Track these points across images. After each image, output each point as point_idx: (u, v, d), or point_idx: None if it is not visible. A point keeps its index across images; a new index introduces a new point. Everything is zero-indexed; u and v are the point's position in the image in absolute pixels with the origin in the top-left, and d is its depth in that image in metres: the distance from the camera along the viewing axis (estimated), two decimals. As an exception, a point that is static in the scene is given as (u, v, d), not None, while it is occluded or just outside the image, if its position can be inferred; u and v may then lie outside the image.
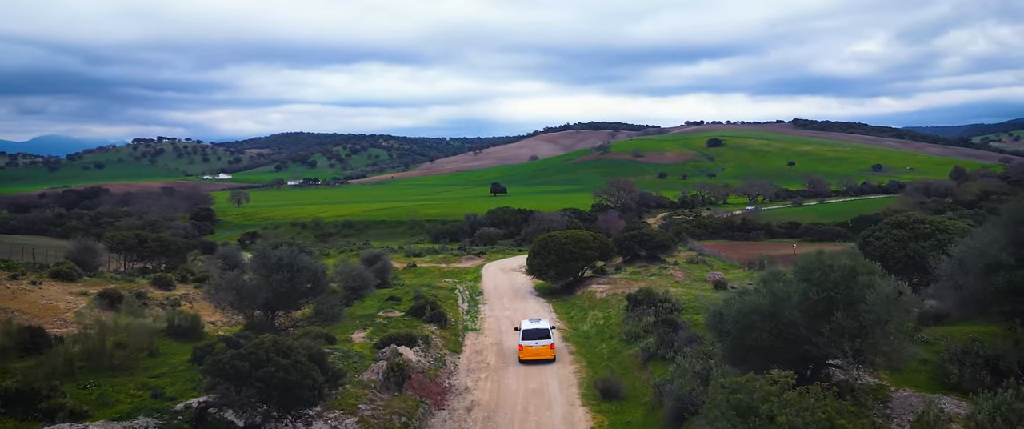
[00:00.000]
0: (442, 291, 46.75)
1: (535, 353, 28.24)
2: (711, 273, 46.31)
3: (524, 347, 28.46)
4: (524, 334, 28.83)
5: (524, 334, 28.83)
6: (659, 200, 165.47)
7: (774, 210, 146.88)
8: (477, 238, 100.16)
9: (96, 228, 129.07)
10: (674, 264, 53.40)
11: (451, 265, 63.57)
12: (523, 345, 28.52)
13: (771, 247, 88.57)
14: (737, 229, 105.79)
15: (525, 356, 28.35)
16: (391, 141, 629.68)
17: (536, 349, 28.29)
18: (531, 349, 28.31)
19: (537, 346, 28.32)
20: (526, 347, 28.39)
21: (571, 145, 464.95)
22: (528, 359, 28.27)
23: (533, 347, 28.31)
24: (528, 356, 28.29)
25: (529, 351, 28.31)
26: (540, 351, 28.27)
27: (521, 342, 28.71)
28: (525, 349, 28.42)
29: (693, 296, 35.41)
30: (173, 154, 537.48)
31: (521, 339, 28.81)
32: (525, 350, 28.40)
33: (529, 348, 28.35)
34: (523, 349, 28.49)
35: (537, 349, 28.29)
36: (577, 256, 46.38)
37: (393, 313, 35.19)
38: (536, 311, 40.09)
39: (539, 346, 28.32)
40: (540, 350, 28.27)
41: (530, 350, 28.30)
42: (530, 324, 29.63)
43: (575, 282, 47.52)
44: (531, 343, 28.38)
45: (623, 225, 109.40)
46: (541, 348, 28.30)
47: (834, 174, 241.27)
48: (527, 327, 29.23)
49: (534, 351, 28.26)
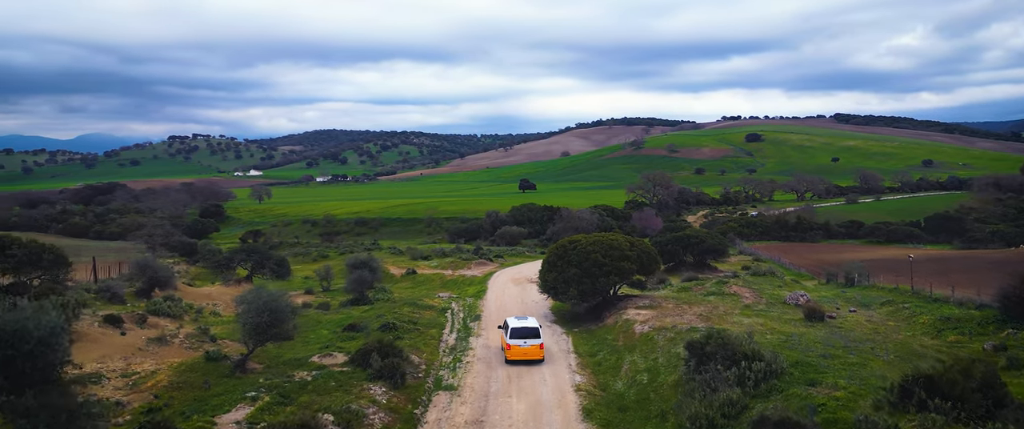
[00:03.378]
0: (428, 314, 36.25)
1: (524, 353, 27.39)
2: (792, 294, 35.01)
3: (512, 347, 27.52)
4: (512, 332, 27.81)
5: (512, 332, 27.81)
6: (699, 196, 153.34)
7: (827, 207, 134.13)
8: (498, 237, 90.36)
9: (99, 224, 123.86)
10: (733, 276, 41.95)
11: (456, 272, 52.80)
12: (511, 344, 27.57)
13: (835, 250, 76.84)
14: (791, 229, 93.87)
15: (512, 356, 27.47)
16: (422, 138, 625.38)
17: (525, 349, 27.40)
18: (519, 349, 27.42)
19: (526, 346, 27.42)
20: (514, 347, 27.48)
21: (603, 141, 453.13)
22: (516, 359, 27.39)
23: (522, 347, 27.42)
24: (516, 356, 27.43)
25: (517, 351, 27.42)
26: (529, 351, 27.39)
27: (509, 341, 27.71)
28: (513, 349, 27.50)
29: (784, 338, 24.59)
30: (207, 151, 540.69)
31: (508, 338, 27.79)
32: (513, 350, 27.49)
33: (517, 348, 27.44)
34: (510, 348, 27.56)
35: (526, 349, 27.40)
36: (608, 270, 33.95)
37: (333, 358, 24.96)
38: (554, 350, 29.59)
39: (528, 346, 27.41)
40: (529, 350, 27.40)
41: (518, 350, 27.42)
42: (518, 322, 28.60)
43: (604, 303, 35.77)
44: (519, 342, 27.47)
45: (661, 224, 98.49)
46: (530, 348, 27.41)
47: (882, 170, 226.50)
48: (515, 325, 28.19)
49: (523, 351, 27.39)
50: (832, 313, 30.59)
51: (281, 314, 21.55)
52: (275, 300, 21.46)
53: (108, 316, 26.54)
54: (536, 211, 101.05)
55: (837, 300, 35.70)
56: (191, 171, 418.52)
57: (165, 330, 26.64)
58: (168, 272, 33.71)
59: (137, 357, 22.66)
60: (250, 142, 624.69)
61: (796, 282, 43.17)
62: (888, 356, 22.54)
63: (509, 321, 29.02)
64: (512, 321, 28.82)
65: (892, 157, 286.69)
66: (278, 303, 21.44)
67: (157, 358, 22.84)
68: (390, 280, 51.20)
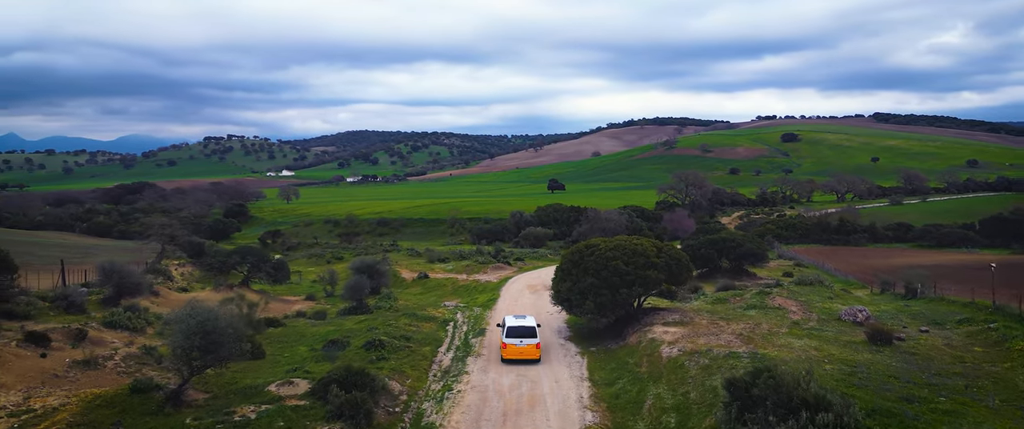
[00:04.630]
0: (427, 327, 32.25)
1: (520, 352, 27.26)
2: (848, 308, 29.52)
3: (508, 345, 27.41)
4: (508, 331, 27.70)
5: (508, 331, 27.70)
6: (734, 197, 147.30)
7: (870, 209, 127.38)
8: (522, 239, 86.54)
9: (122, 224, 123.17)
10: (775, 285, 36.98)
11: (471, 277, 48.76)
12: (507, 343, 27.46)
13: (882, 254, 71.25)
14: (833, 231, 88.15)
15: (508, 355, 27.33)
16: (452, 139, 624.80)
17: (521, 348, 27.27)
18: (515, 348, 27.28)
19: (522, 345, 27.29)
20: (510, 346, 27.37)
21: (635, 141, 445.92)
22: (511, 359, 27.25)
23: (518, 346, 27.28)
24: (512, 355, 27.27)
25: (513, 350, 27.28)
26: (525, 350, 27.26)
27: (505, 339, 27.58)
28: (509, 347, 27.36)
29: (848, 369, 19.90)
30: (241, 151, 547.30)
31: (505, 337, 27.64)
32: (509, 348, 27.36)
33: (513, 347, 27.30)
34: (506, 347, 27.43)
35: (522, 348, 27.27)
36: (631, 279, 29.24)
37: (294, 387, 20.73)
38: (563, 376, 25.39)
39: (524, 345, 27.29)
40: (525, 349, 27.27)
41: (514, 349, 27.29)
42: (515, 321, 28.40)
43: (626, 317, 31.24)
44: (515, 341, 27.33)
45: (694, 225, 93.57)
46: (526, 347, 27.29)
47: (924, 170, 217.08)
48: (512, 324, 28.03)
49: (519, 350, 27.25)
50: (900, 334, 25.50)
51: (218, 336, 17.66)
52: (211, 320, 17.57)
53: (31, 333, 22.45)
54: (562, 212, 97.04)
55: (900, 315, 30.43)
56: (225, 171, 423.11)
57: (108, 349, 23.08)
58: (137, 278, 30.11)
59: (47, 387, 19.13)
60: (283, 143, 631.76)
61: (846, 292, 38.29)
62: (993, 402, 17.85)
63: (507, 319, 28.79)
64: (510, 320, 28.60)
65: (935, 157, 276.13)
66: (215, 324, 17.58)
67: (72, 387, 19.32)
68: (400, 285, 47.70)
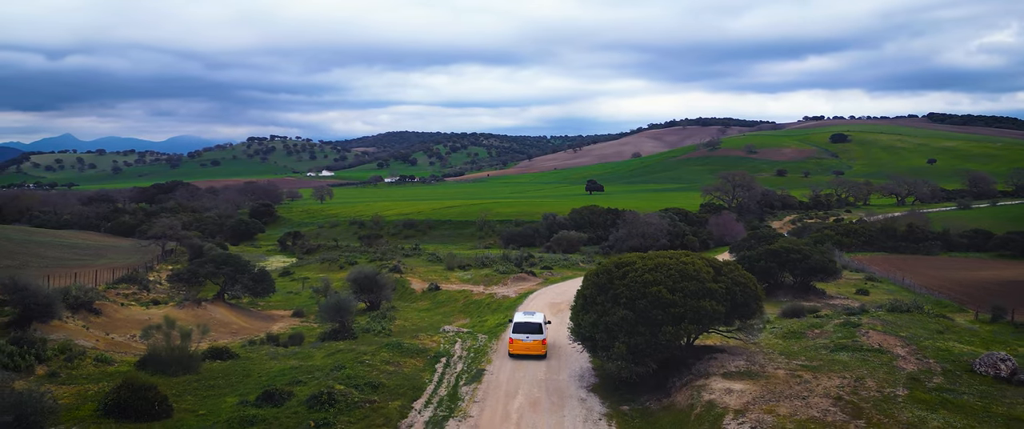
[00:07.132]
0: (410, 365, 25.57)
1: (525, 347, 27.22)
2: (986, 356, 21.33)
3: (514, 341, 27.49)
4: (515, 327, 27.79)
5: (515, 327, 27.79)
6: (784, 199, 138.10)
7: (936, 213, 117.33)
8: (553, 243, 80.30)
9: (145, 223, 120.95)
10: (862, 311, 29.04)
11: (487, 290, 42.13)
12: (513, 338, 27.51)
13: (962, 265, 62.85)
14: (900, 238, 79.61)
15: (515, 350, 27.46)
16: (491, 139, 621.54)
17: (527, 343, 27.23)
18: (522, 343, 27.28)
19: (528, 341, 27.25)
20: (516, 341, 27.40)
21: (677, 142, 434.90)
22: (518, 354, 27.38)
23: (524, 342, 27.26)
24: (518, 351, 27.39)
25: (519, 345, 27.31)
26: (531, 346, 27.20)
27: (512, 335, 27.65)
28: (515, 343, 27.45)
29: None
30: (283, 152, 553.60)
31: (512, 332, 27.74)
32: (515, 344, 27.45)
33: (520, 342, 27.32)
34: (513, 342, 27.53)
35: (528, 343, 27.22)
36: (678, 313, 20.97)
37: None
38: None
39: (530, 341, 27.24)
40: (531, 345, 27.21)
41: (521, 344, 27.28)
42: (523, 317, 28.53)
43: (672, 361, 22.91)
44: (522, 337, 27.32)
45: (743, 230, 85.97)
46: (532, 343, 27.23)
47: (987, 173, 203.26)
48: (519, 320, 28.18)
49: (525, 346, 27.23)
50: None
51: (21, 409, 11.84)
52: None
53: None
54: (598, 214, 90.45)
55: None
56: (267, 171, 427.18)
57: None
58: (48, 297, 23.85)
59: None
60: (324, 143, 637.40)
61: (942, 316, 31.02)
62: None
63: (516, 316, 28.90)
64: (519, 316, 28.71)
65: (995, 159, 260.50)
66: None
67: None
68: (408, 297, 41.95)
